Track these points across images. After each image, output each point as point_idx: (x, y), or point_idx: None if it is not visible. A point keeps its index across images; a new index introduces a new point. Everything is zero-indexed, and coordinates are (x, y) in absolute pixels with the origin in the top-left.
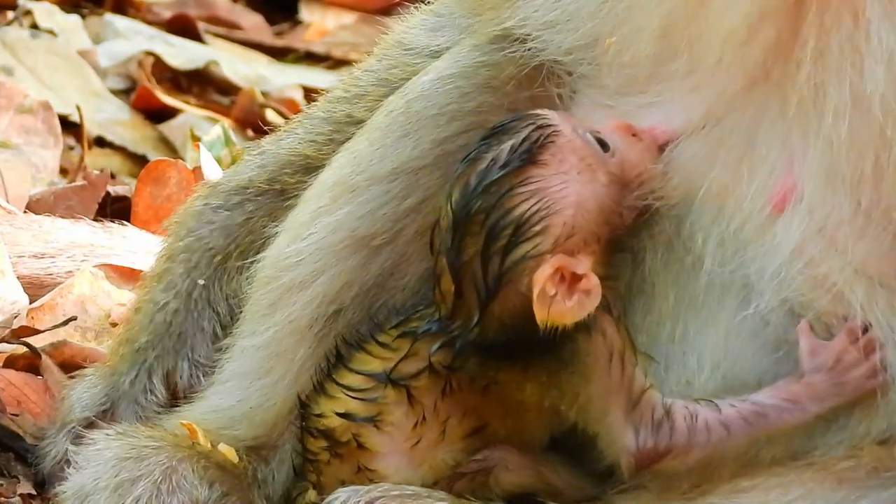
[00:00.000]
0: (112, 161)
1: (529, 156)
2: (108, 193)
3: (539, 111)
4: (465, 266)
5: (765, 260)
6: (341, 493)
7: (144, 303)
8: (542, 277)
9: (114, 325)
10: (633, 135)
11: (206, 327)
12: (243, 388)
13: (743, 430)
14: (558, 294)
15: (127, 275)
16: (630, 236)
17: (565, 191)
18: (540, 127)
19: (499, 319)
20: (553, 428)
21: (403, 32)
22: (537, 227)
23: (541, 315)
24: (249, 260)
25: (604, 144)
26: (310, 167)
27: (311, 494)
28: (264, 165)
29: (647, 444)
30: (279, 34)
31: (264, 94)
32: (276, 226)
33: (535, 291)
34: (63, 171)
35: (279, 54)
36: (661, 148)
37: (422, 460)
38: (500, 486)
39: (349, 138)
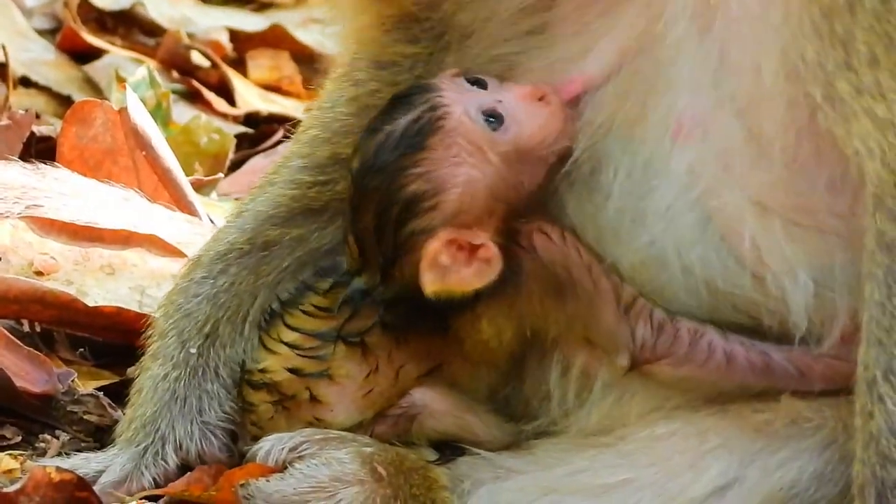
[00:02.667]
0: (37, 101)
1: (418, 140)
2: (33, 133)
3: (437, 85)
4: (364, 233)
5: (666, 189)
6: (265, 442)
7: (144, 380)
8: (431, 251)
9: (38, 273)
10: (541, 98)
11: (210, 389)
12: None
13: (742, 370)
14: (455, 263)
15: (48, 225)
16: (546, 192)
17: (454, 172)
18: (432, 108)
19: (402, 284)
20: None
21: (374, 47)
22: (426, 205)
23: (428, 286)
24: (240, 322)
25: (499, 118)
26: (294, 215)
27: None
28: (244, 226)
29: (647, 342)
30: None
31: (190, 35)
32: (263, 282)
33: (424, 263)
34: None
35: None
36: (576, 101)
37: (371, 405)
38: (422, 431)
39: (334, 179)
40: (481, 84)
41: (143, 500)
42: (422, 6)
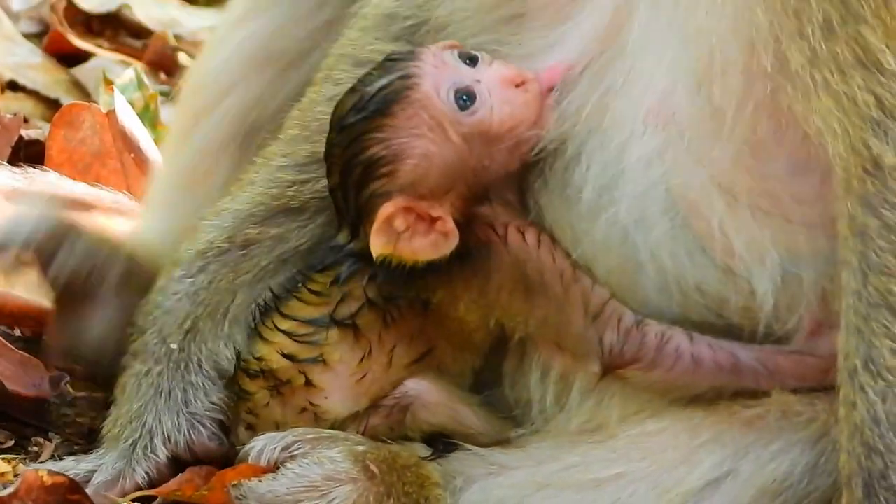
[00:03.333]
0: (25, 105)
1: (383, 106)
2: (21, 137)
3: (420, 55)
4: (335, 189)
5: (639, 179)
6: (258, 441)
7: (128, 378)
8: (384, 214)
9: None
10: (520, 85)
11: (194, 381)
12: (170, 209)
13: (711, 373)
14: (409, 231)
15: None
16: (518, 177)
17: (411, 144)
18: (403, 77)
19: (367, 245)
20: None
21: (353, 47)
22: (383, 170)
23: (376, 248)
24: (220, 319)
25: (472, 98)
26: (273, 214)
27: (244, 435)
28: (223, 225)
29: (615, 349)
30: None
31: (177, 37)
32: (243, 280)
33: (375, 225)
34: None
35: None
36: (550, 91)
37: (366, 392)
38: (416, 423)
39: (314, 178)
40: (472, 60)
41: (135, 503)
42: (403, 4)
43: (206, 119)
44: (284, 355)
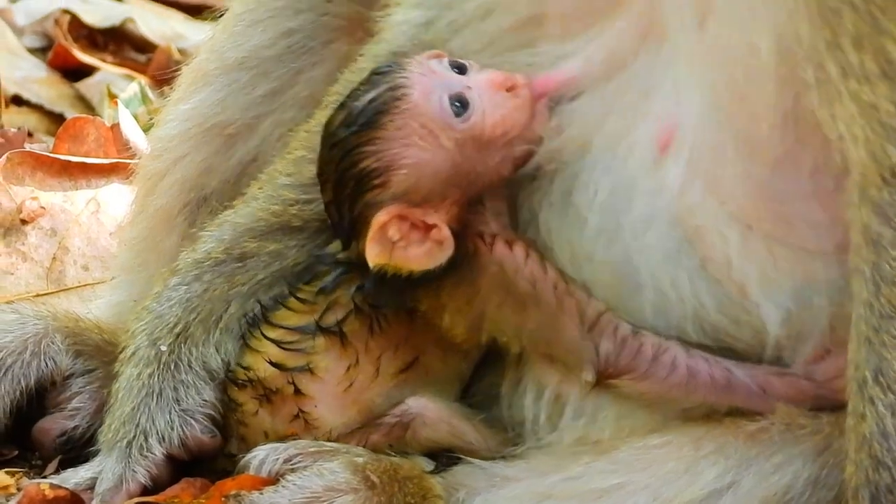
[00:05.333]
0: (29, 119)
1: (373, 119)
2: None
3: (408, 65)
4: (329, 204)
5: (648, 205)
6: (259, 452)
7: (120, 383)
8: (378, 223)
9: (24, 221)
10: (510, 88)
11: (185, 379)
12: (128, 282)
13: (705, 386)
14: (404, 240)
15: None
16: (516, 187)
17: (402, 154)
18: (392, 88)
19: (361, 257)
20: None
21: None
22: (376, 182)
23: (372, 258)
24: (212, 326)
25: (464, 104)
26: (273, 230)
27: (233, 446)
28: (222, 237)
29: (610, 358)
30: None
31: (181, 51)
32: (237, 291)
33: (370, 235)
34: None
35: (195, 11)
36: (542, 97)
37: (354, 401)
38: (416, 440)
39: (316, 199)
40: (461, 68)
41: None
42: (412, 43)
43: (157, 190)
44: (273, 363)
